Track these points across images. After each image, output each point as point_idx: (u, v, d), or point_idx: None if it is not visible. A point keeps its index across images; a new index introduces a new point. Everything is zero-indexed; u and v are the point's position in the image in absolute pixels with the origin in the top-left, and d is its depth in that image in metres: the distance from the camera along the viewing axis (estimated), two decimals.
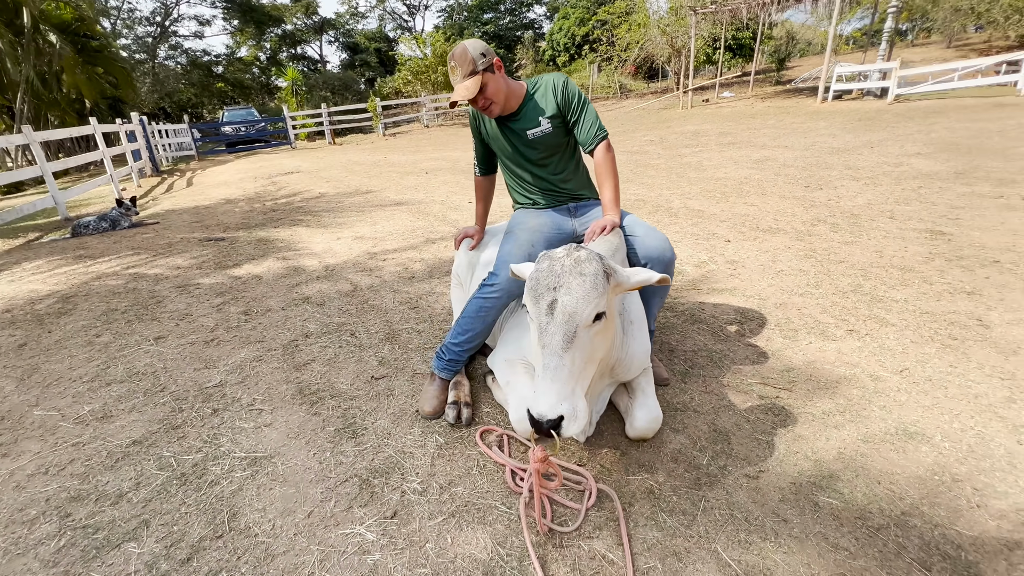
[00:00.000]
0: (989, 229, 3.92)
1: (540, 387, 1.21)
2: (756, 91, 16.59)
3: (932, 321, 2.50)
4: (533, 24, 39.55)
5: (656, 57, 19.38)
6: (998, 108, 9.43)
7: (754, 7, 13.16)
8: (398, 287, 3.16)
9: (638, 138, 10.82)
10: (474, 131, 2.11)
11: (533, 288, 1.32)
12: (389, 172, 8.52)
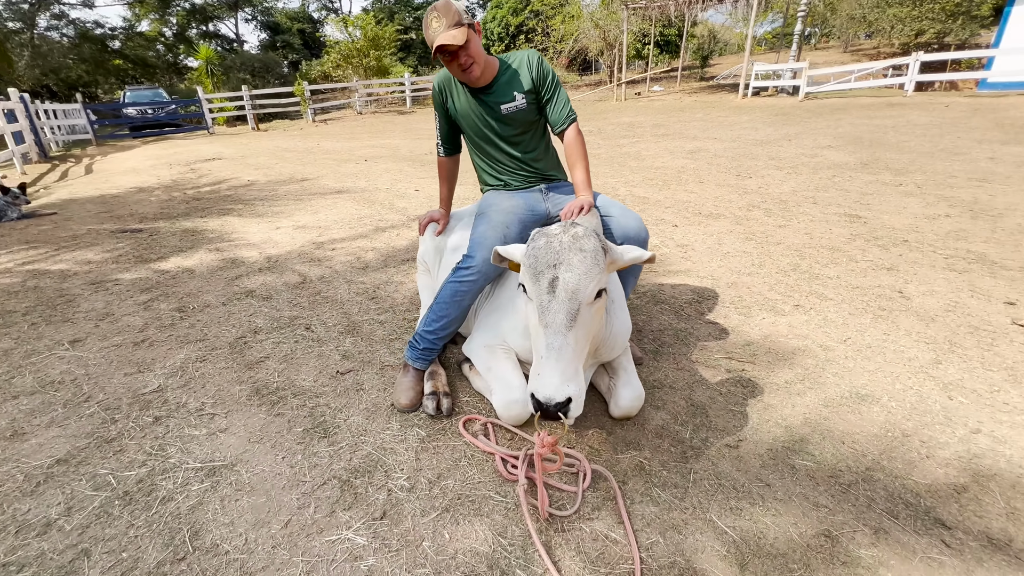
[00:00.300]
0: (895, 213, 4.38)
1: (545, 369, 1.16)
2: (683, 86, 17.46)
3: (862, 295, 2.74)
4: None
5: (589, 50, 19.80)
6: (890, 107, 10.57)
7: (681, 5, 13.78)
8: (352, 277, 2.98)
9: None
10: (438, 107, 2.00)
11: (532, 266, 1.27)
12: (324, 159, 8.05)
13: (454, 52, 1.69)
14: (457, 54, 1.70)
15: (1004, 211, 4.26)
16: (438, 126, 2.06)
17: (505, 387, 1.66)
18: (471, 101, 1.89)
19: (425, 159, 7.75)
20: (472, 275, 1.74)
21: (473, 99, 1.88)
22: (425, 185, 5.74)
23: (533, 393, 1.17)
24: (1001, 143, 6.97)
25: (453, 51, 1.69)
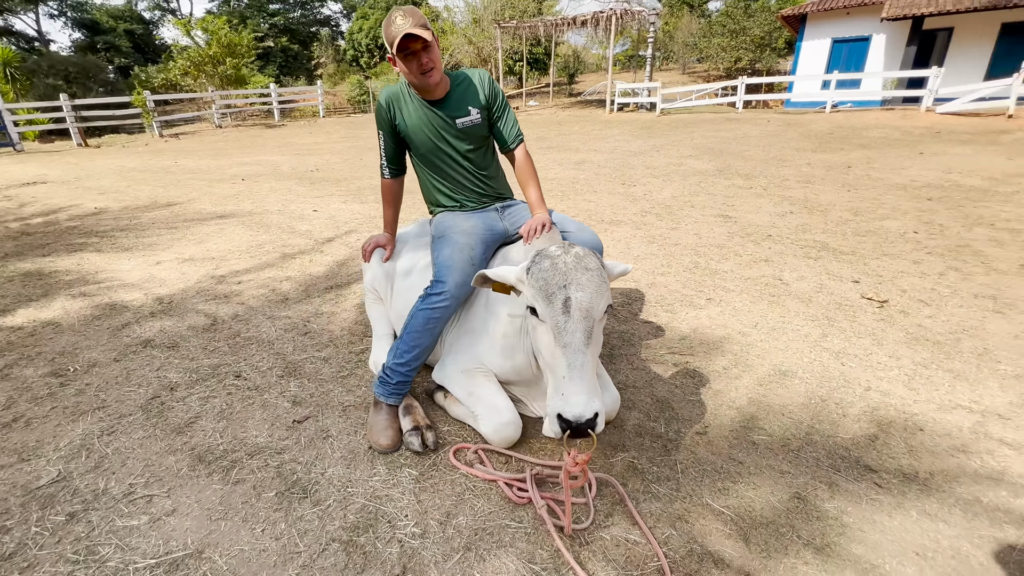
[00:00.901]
0: (754, 212, 5.19)
1: (569, 387, 1.19)
2: (556, 101, 18.67)
3: (754, 284, 3.20)
4: (329, 21, 37.20)
5: (462, 64, 20.20)
6: (727, 122, 12.46)
7: (548, 27, 14.78)
8: (273, 312, 2.68)
9: None
10: (384, 125, 1.91)
11: (543, 288, 1.28)
12: (190, 180, 7.09)
13: (416, 51, 1.65)
14: (419, 54, 1.66)
15: (828, 207, 5.29)
16: (383, 146, 1.97)
17: (492, 410, 1.64)
18: (426, 114, 1.85)
19: (314, 177, 7.24)
20: (444, 300, 1.69)
21: (428, 111, 1.84)
22: (324, 205, 5.37)
23: (560, 414, 1.18)
24: (812, 151, 8.64)
25: (416, 50, 1.65)
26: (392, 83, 20.07)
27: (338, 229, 4.39)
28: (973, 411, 1.91)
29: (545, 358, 1.30)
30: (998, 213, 4.91)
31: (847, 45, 14.75)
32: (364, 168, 8.12)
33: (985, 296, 3.02)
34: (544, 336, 1.29)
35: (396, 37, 1.62)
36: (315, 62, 34.00)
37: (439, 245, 1.81)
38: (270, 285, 3.06)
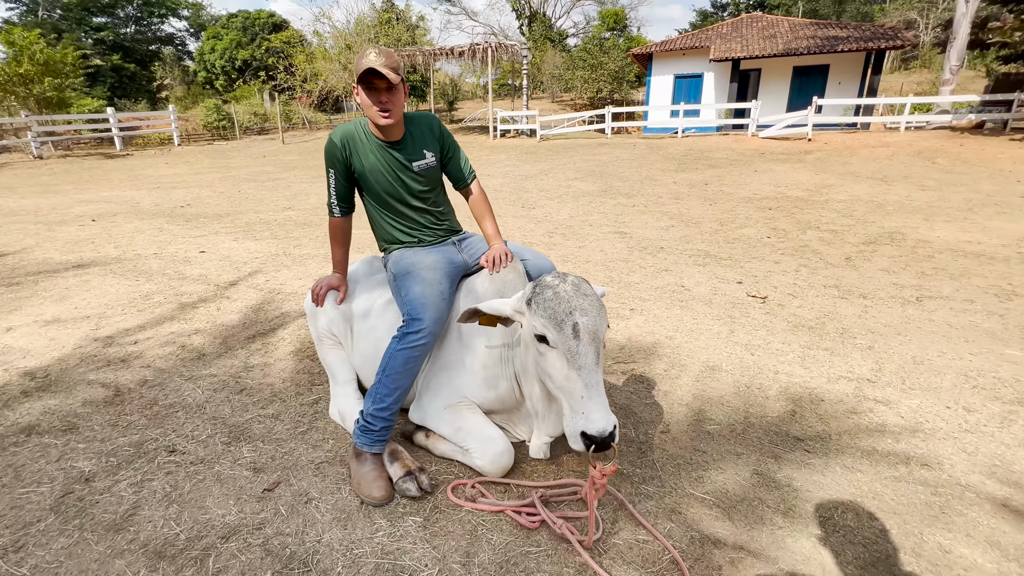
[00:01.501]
0: (643, 227, 5.82)
1: (589, 406, 1.27)
2: None
3: (663, 293, 3.61)
4: (173, 39, 33.39)
5: (337, 90, 19.56)
6: (601, 146, 13.76)
7: (427, 56, 15.04)
8: (191, 372, 2.35)
9: None
10: (337, 164, 1.85)
11: (552, 317, 1.35)
12: (17, 224, 5.85)
13: (379, 88, 1.66)
14: (381, 91, 1.67)
15: (699, 219, 6.14)
16: (333, 185, 1.90)
17: (486, 441, 1.66)
18: (383, 156, 1.83)
19: (187, 213, 6.44)
20: (423, 338, 1.68)
21: (386, 153, 1.83)
22: (211, 245, 4.81)
23: (584, 431, 1.26)
24: (675, 171, 9.93)
25: (379, 87, 1.66)
26: (257, 107, 18.76)
27: (238, 271, 3.98)
28: (850, 380, 2.39)
29: (557, 382, 1.37)
30: (819, 218, 6.13)
31: (686, 80, 17.31)
32: (246, 201, 7.44)
33: (830, 286, 3.77)
34: (556, 362, 1.36)
35: (362, 68, 1.63)
36: (158, 84, 30.21)
37: (406, 282, 1.79)
38: (177, 341, 2.68)
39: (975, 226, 5.60)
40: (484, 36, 32.80)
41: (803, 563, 1.38)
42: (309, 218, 6.21)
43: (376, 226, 2.02)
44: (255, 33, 26.61)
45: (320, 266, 4.14)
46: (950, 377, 2.42)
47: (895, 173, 8.83)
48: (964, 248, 4.76)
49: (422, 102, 24.79)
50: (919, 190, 7.59)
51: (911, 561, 1.39)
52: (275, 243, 4.93)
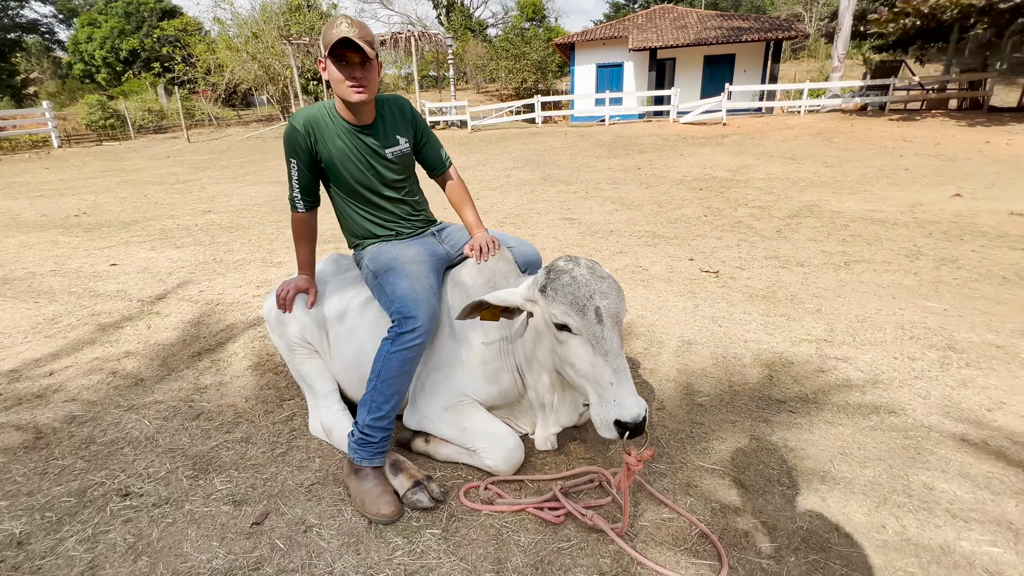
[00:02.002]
0: (588, 213, 5.92)
1: (620, 392, 1.22)
2: None
3: (625, 274, 3.68)
4: (37, 27, 29.10)
5: (247, 83, 18.10)
6: (532, 136, 13.83)
7: None
8: (132, 401, 2.04)
9: (276, 168, 10.03)
10: (299, 153, 1.65)
11: (574, 303, 1.28)
12: None
13: (353, 62, 1.50)
14: (355, 66, 1.51)
15: (639, 203, 6.35)
16: (295, 177, 1.70)
17: (495, 439, 1.58)
18: (353, 142, 1.66)
19: (85, 223, 5.64)
20: (419, 337, 1.55)
21: (356, 139, 1.66)
22: (123, 256, 4.25)
23: (618, 419, 1.21)
24: (607, 157, 10.21)
25: (355, 62, 1.50)
26: (152, 102, 16.97)
27: (164, 283, 3.54)
28: (810, 341, 2.56)
29: (581, 370, 1.31)
30: (745, 196, 6.56)
31: (608, 69, 17.83)
32: (156, 206, 6.66)
33: (770, 257, 4.03)
34: (579, 349, 1.30)
35: (333, 39, 1.45)
36: (23, 78, 26.28)
37: (391, 279, 1.65)
38: (104, 368, 2.31)
39: (875, 197, 6.26)
40: (402, 25, 31.74)
41: (814, 517, 1.44)
42: (236, 221, 5.67)
43: (346, 220, 1.84)
44: (141, 20, 23.84)
45: (260, 271, 3.79)
46: (890, 331, 2.66)
47: (801, 153, 9.67)
48: (870, 216, 5.30)
49: None
50: (824, 167, 8.36)
51: (905, 501, 1.49)
52: (201, 250, 4.45)
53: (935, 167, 8.09)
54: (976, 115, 11.86)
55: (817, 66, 27.04)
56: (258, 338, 2.62)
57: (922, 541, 1.35)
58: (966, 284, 3.34)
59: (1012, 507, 1.47)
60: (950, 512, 1.45)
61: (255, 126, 18.38)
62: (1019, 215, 5.20)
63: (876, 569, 1.27)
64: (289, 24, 16.66)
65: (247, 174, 9.59)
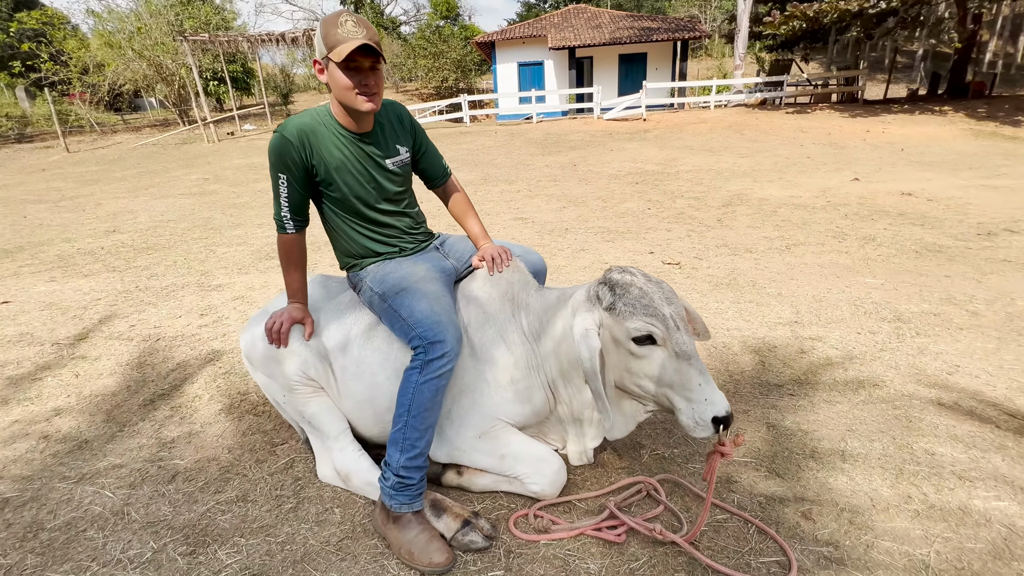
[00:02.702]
0: (537, 211, 5.93)
1: (709, 390, 1.25)
2: (276, 123, 16.85)
3: (592, 272, 3.71)
4: None
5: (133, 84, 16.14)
6: (463, 135, 13.66)
7: (254, 43, 13.10)
8: (80, 470, 1.69)
9: (188, 179, 9.05)
10: (292, 168, 1.46)
11: (654, 314, 1.26)
12: None
13: (364, 68, 1.36)
14: (366, 72, 1.37)
15: (584, 199, 6.47)
16: (285, 194, 1.50)
17: (539, 463, 1.49)
18: (354, 151, 1.50)
19: None
20: (449, 363, 1.42)
21: (356, 147, 1.50)
22: (15, 291, 3.58)
23: (715, 416, 1.24)
24: (542, 155, 10.33)
25: (366, 67, 1.36)
26: (10, 106, 14.74)
27: (80, 320, 3.02)
28: (784, 324, 2.73)
29: (666, 379, 1.30)
30: (679, 188, 6.92)
31: (530, 68, 18.06)
32: (43, 228, 5.73)
33: (720, 245, 4.27)
34: (662, 359, 1.29)
35: (342, 42, 1.29)
36: None
37: (406, 301, 1.50)
38: (31, 432, 1.91)
39: (790, 183, 6.87)
40: (308, 22, 29.98)
41: (850, 495, 1.51)
42: (151, 240, 5.02)
43: (341, 238, 1.66)
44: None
45: (199, 298, 3.36)
46: (846, 308, 2.91)
47: (718, 145, 10.41)
48: (792, 202, 5.80)
49: (247, 95, 21.85)
50: (740, 157, 9.05)
51: (918, 470, 1.62)
52: (117, 277, 3.87)
53: (832, 154, 9.06)
54: (854, 107, 13.47)
55: (716, 64, 29.27)
56: (220, 375, 2.31)
57: (944, 506, 1.47)
58: (890, 260, 3.74)
59: (999, 461, 1.64)
60: (955, 474, 1.59)
61: (149, 132, 16.44)
62: (908, 195, 5.95)
63: (919, 539, 1.35)
64: (182, 19, 15.04)
65: (150, 187, 8.55)
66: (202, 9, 16.31)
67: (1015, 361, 2.26)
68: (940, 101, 13.42)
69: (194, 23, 15.42)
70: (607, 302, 1.34)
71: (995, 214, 4.86)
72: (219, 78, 18.52)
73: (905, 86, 18.74)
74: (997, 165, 7.76)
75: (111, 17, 14.67)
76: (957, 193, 5.89)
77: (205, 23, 15.75)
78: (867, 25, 11.38)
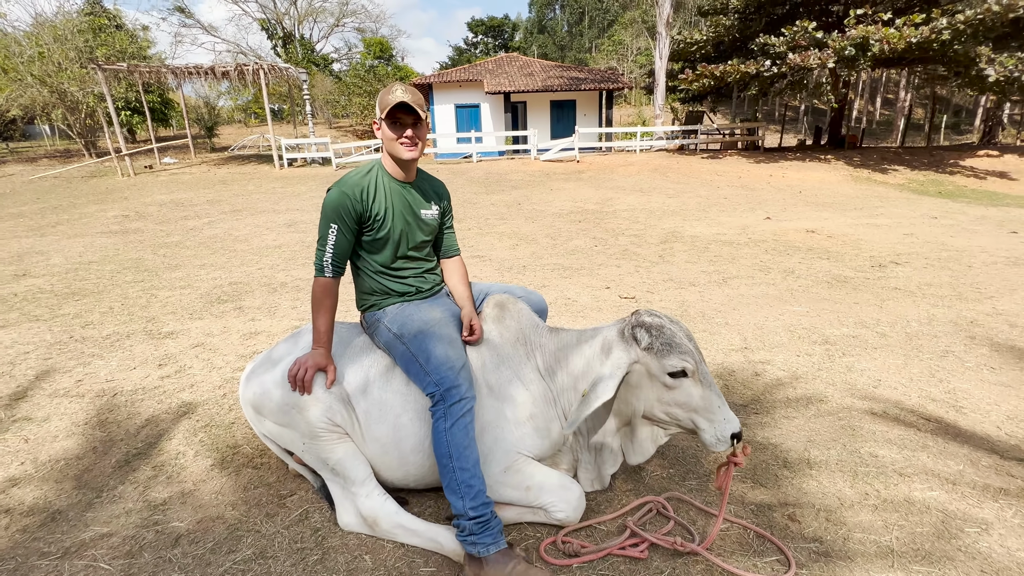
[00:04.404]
0: (491, 248, 6.08)
1: (726, 411, 1.47)
2: (200, 157, 15.94)
3: (559, 308, 3.92)
4: None
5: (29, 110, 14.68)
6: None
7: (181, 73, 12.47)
8: (57, 544, 1.53)
9: (104, 216, 8.31)
10: (347, 218, 1.61)
11: (684, 350, 1.45)
12: None
13: (406, 123, 1.59)
14: (407, 126, 1.59)
15: (534, 237, 6.77)
16: (333, 242, 1.62)
17: (562, 491, 1.60)
18: (401, 196, 1.70)
19: None
20: (469, 403, 1.52)
21: (404, 192, 1.71)
22: None
23: (733, 432, 1.45)
24: (486, 193, 10.66)
25: (408, 122, 1.59)
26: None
27: (13, 378, 2.71)
28: (737, 351, 3.07)
29: (693, 404, 1.49)
30: (619, 226, 7.46)
31: (467, 110, 18.72)
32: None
33: (667, 280, 4.68)
34: (691, 388, 1.49)
35: (390, 104, 1.54)
36: None
37: (424, 345, 1.59)
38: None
39: (714, 222, 7.65)
40: (232, 55, 29.07)
41: (822, 497, 1.76)
42: (73, 285, 4.57)
43: (367, 278, 1.76)
44: None
45: (151, 346, 3.13)
46: (783, 334, 3.32)
47: (647, 186, 11.34)
48: (719, 239, 6.47)
49: (164, 127, 20.56)
50: (668, 197, 9.93)
51: (866, 470, 1.91)
52: (43, 326, 3.50)
53: (744, 195, 10.20)
54: (757, 154, 15.28)
55: (635, 111, 31.97)
56: (200, 429, 2.19)
57: (894, 499, 1.75)
58: (808, 290, 4.31)
59: (926, 458, 1.98)
60: (896, 471, 1.90)
61: (47, 163, 14.88)
62: (812, 232, 6.86)
63: (881, 529, 1.61)
64: (92, 46, 14.04)
65: (58, 224, 7.76)
66: (116, 36, 15.35)
67: (919, 374, 2.72)
68: (823, 150, 15.64)
69: (107, 51, 14.45)
70: (645, 343, 1.52)
71: (882, 248, 5.75)
72: (132, 108, 17.34)
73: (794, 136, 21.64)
74: (875, 206, 9.15)
75: (6, 40, 13.36)
76: (850, 230, 6.88)
77: (120, 51, 14.81)
78: (763, 85, 13.19)
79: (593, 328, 1.73)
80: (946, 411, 2.34)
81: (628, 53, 37.38)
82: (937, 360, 2.88)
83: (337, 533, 1.59)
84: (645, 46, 34.68)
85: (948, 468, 1.92)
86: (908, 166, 13.82)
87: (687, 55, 16.03)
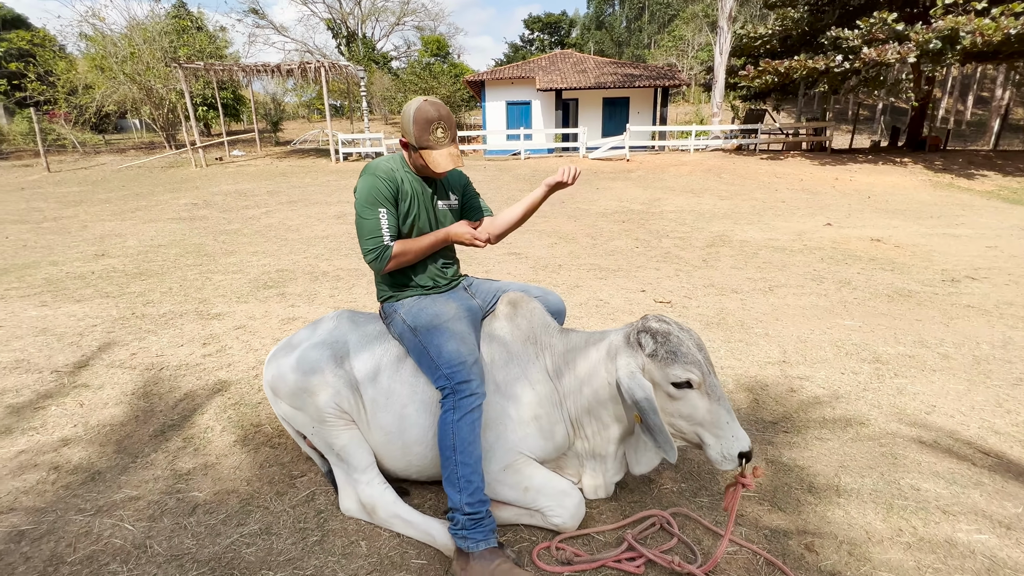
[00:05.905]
0: (530, 246, 6.07)
1: (735, 428, 1.39)
2: (266, 151, 16.94)
3: (591, 310, 3.84)
4: None
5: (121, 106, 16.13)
6: None
7: (249, 72, 13.34)
8: (93, 501, 1.68)
9: (176, 203, 9.00)
10: (387, 201, 1.65)
11: (692, 360, 1.39)
12: None
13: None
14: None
15: (574, 236, 6.66)
16: (387, 223, 1.65)
17: (561, 496, 1.57)
18: (421, 189, 1.74)
19: None
20: (478, 399, 1.51)
21: (422, 186, 1.74)
22: (5, 315, 3.51)
23: (741, 451, 1.37)
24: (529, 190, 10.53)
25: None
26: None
27: (78, 348, 2.99)
28: (773, 364, 2.88)
29: (698, 418, 1.42)
30: (664, 227, 7.22)
31: (518, 107, 18.74)
32: (27, 250, 5.63)
33: (707, 285, 4.47)
34: (697, 401, 1.42)
35: (440, 157, 1.60)
36: None
37: (436, 339, 1.60)
38: (40, 463, 1.88)
39: (767, 226, 7.24)
40: (300, 53, 30.60)
41: (848, 528, 1.62)
42: (142, 266, 4.98)
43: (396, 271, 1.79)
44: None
45: (200, 326, 3.36)
46: (829, 349, 3.09)
47: (699, 187, 10.91)
48: (771, 244, 6.12)
49: (235, 121, 21.98)
50: (720, 199, 9.50)
51: (904, 504, 1.74)
52: (111, 303, 3.84)
53: (804, 199, 9.59)
54: (823, 156, 14.32)
55: (693, 109, 30.82)
56: (230, 406, 2.32)
57: (933, 539, 1.58)
58: (864, 303, 3.99)
59: (978, 497, 1.78)
60: (940, 508, 1.72)
61: (134, 154, 16.33)
62: (877, 240, 6.34)
63: (912, 570, 1.46)
64: (176, 46, 15.25)
65: (137, 209, 8.48)
66: (197, 37, 16.57)
67: (984, 402, 2.45)
68: (900, 153, 14.41)
69: (188, 51, 15.63)
70: (649, 349, 1.46)
71: (957, 262, 5.23)
72: (208, 104, 18.65)
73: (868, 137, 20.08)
74: (956, 215, 8.34)
75: (104, 41, 14.78)
76: (922, 240, 6.31)
77: (199, 51, 15.97)
78: (833, 82, 12.31)
79: (601, 331, 1.68)
80: (1011, 446, 2.09)
81: (689, 49, 36.07)
82: (1008, 388, 2.58)
83: (338, 517, 1.64)
84: (707, 41, 33.31)
85: (1004, 510, 1.71)
86: (1000, 171, 12.49)
87: (750, 50, 15.22)
